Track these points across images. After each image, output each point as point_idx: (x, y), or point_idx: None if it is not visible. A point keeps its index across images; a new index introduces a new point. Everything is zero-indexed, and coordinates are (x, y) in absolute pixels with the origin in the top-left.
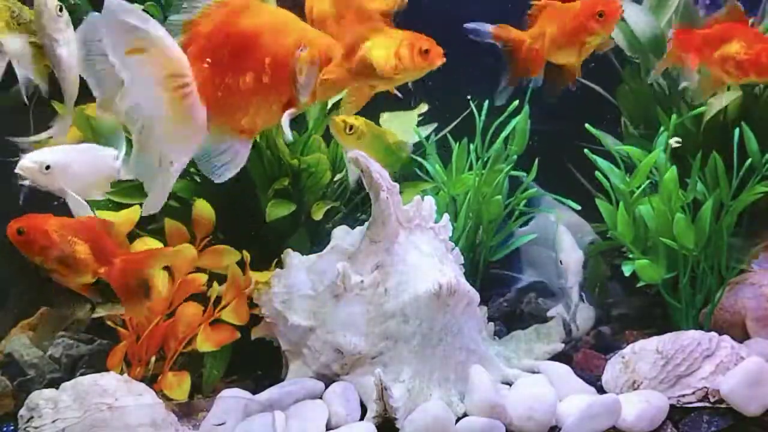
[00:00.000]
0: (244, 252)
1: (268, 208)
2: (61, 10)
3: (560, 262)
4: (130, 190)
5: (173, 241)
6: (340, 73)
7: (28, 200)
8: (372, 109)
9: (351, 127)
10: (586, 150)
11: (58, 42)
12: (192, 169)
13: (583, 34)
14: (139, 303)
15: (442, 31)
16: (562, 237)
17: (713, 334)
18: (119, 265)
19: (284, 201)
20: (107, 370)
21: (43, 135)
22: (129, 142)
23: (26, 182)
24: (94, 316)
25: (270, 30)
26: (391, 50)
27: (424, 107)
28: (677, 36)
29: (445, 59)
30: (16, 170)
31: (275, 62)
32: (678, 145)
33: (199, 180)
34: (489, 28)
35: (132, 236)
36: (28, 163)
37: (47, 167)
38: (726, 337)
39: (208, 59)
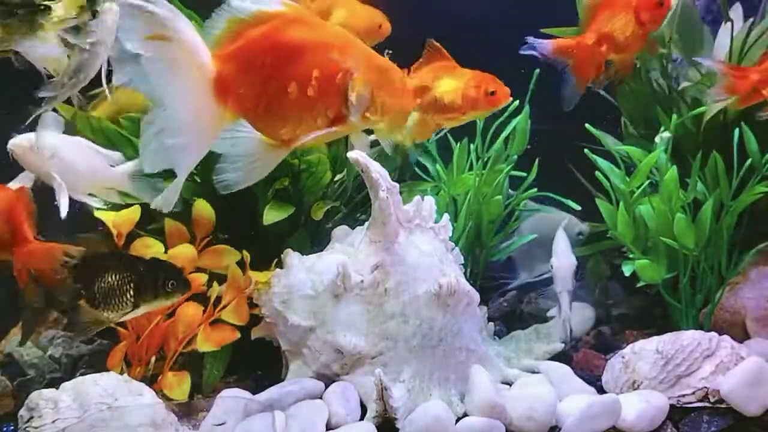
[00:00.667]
0: (244, 252)
1: (265, 211)
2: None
3: (551, 266)
4: None
5: (173, 241)
6: (407, 103)
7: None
8: None
9: None
10: (586, 150)
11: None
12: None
13: (648, 25)
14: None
15: (443, 31)
16: (557, 241)
17: (713, 334)
18: (33, 249)
19: (282, 204)
20: (107, 370)
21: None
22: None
23: None
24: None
25: (322, 45)
26: (459, 91)
27: None
28: (730, 74)
29: (510, 99)
30: (8, 147)
31: (324, 77)
32: (667, 136)
33: (199, 180)
34: (548, 45)
35: (132, 236)
36: (19, 141)
37: (36, 147)
38: (726, 337)
39: (254, 64)
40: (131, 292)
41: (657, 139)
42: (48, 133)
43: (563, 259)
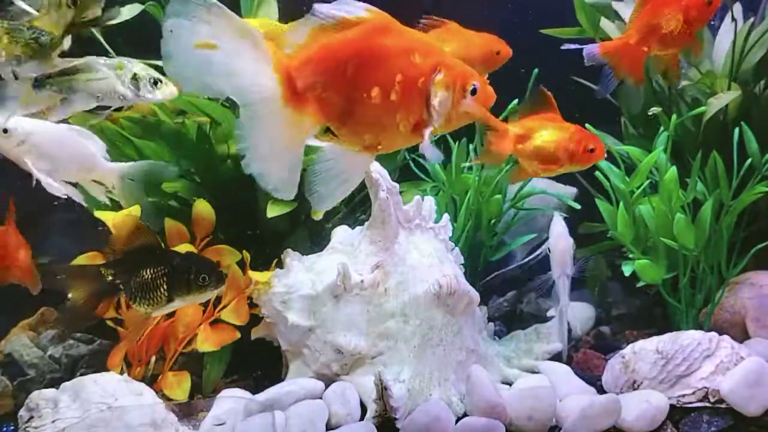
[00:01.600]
0: (244, 252)
1: (268, 206)
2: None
3: (547, 250)
4: None
5: (173, 241)
6: (506, 147)
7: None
8: None
9: None
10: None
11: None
12: (192, 169)
13: (695, 23)
14: None
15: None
16: (553, 224)
17: (713, 334)
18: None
19: (284, 200)
20: (107, 370)
21: None
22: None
23: None
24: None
25: (406, 50)
26: (561, 144)
27: None
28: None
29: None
30: None
31: (407, 81)
32: (657, 111)
33: (199, 180)
34: (596, 49)
35: None
36: None
37: (4, 131)
38: (726, 337)
39: (336, 69)
40: (165, 287)
41: (650, 112)
42: (19, 118)
43: (560, 241)
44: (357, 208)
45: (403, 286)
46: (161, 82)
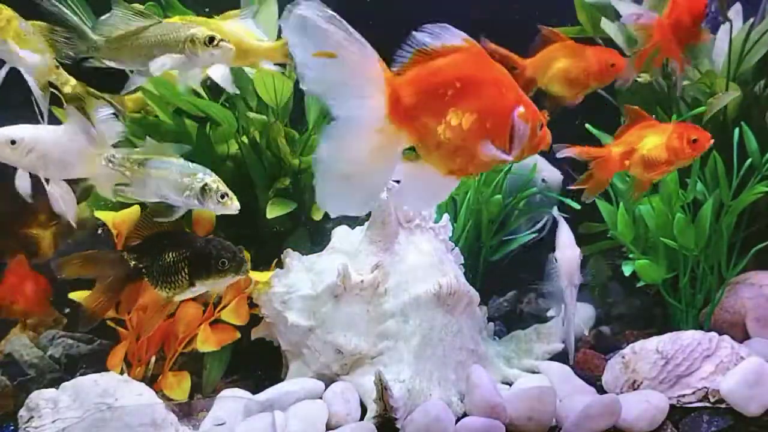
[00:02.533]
0: (244, 252)
1: (268, 206)
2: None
3: (555, 259)
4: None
5: None
6: (613, 168)
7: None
8: None
9: None
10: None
11: None
12: None
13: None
14: None
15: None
16: (560, 232)
17: (713, 334)
18: None
19: (284, 200)
20: (107, 370)
21: None
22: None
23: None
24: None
25: (496, 81)
26: (663, 145)
27: None
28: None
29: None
30: None
31: (497, 112)
32: (646, 78)
33: None
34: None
35: None
36: None
37: (12, 142)
38: (726, 337)
39: (435, 92)
40: (186, 271)
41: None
42: (24, 127)
43: (567, 251)
44: None
45: (403, 286)
46: (227, 196)
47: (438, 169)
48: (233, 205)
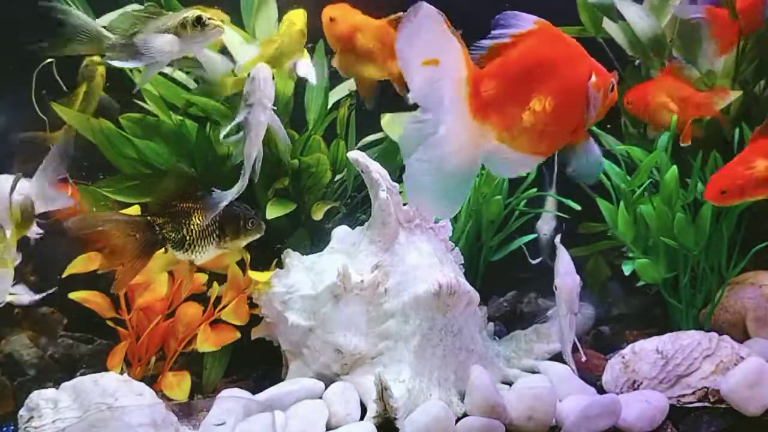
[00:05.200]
0: (244, 252)
1: (268, 206)
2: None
3: (554, 288)
4: (130, 189)
5: None
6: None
7: None
8: (374, 110)
9: None
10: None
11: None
12: (191, 169)
13: None
14: None
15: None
16: (559, 260)
17: (713, 334)
18: None
19: (284, 200)
20: (107, 370)
21: None
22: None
23: None
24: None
25: (569, 57)
26: None
27: None
28: None
29: None
30: None
31: (574, 87)
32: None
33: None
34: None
35: None
36: None
37: None
38: (726, 337)
39: (514, 81)
40: (216, 233)
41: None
42: None
43: (567, 280)
44: (357, 208)
45: (403, 286)
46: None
47: (524, 152)
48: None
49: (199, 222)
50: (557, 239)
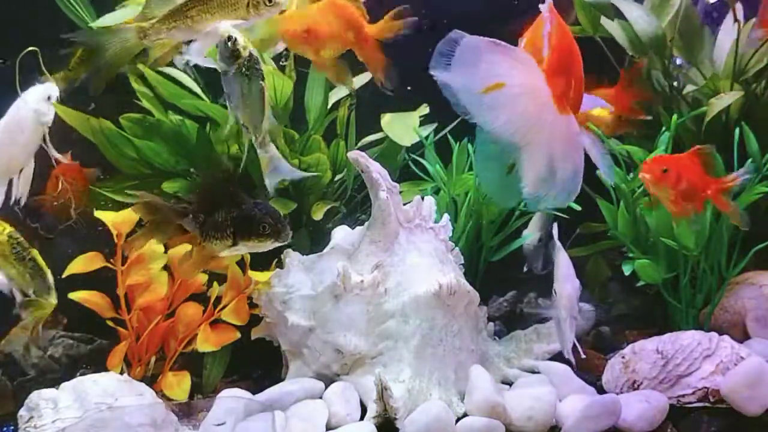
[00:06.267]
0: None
1: None
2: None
3: (554, 292)
4: (130, 189)
5: (174, 241)
6: None
7: None
8: (374, 111)
9: None
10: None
11: None
12: (192, 169)
13: None
14: None
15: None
16: (559, 265)
17: (713, 334)
18: None
19: (284, 200)
20: (107, 370)
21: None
22: None
23: None
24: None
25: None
26: None
27: (425, 109)
28: None
29: None
30: None
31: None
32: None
33: (199, 180)
34: None
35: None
36: None
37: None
38: (726, 337)
39: (565, 68)
40: (231, 230)
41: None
42: None
43: (567, 286)
44: (357, 208)
45: (403, 286)
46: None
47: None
48: None
49: (218, 216)
50: (555, 240)
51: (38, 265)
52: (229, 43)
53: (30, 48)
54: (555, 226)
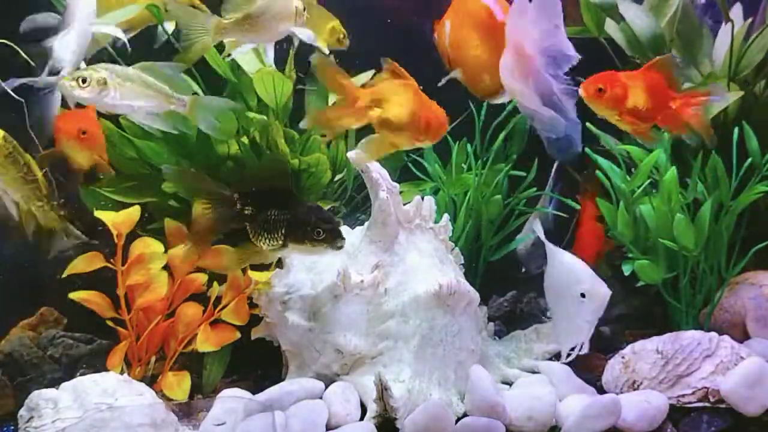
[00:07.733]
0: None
1: None
2: None
3: (581, 295)
4: (130, 189)
5: (173, 241)
6: None
7: None
8: None
9: None
10: (587, 149)
11: None
12: (191, 168)
13: None
14: None
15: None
16: (577, 264)
17: (713, 334)
18: None
19: None
20: (107, 370)
21: None
22: None
23: None
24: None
25: None
26: None
27: None
28: None
29: None
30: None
31: None
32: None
33: None
34: None
35: (132, 236)
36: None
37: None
38: (726, 337)
39: None
40: (282, 230)
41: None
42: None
43: (601, 288)
44: (357, 208)
45: (403, 286)
46: None
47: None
48: None
49: (271, 215)
50: (545, 241)
51: (33, 172)
52: None
53: None
54: (539, 224)
